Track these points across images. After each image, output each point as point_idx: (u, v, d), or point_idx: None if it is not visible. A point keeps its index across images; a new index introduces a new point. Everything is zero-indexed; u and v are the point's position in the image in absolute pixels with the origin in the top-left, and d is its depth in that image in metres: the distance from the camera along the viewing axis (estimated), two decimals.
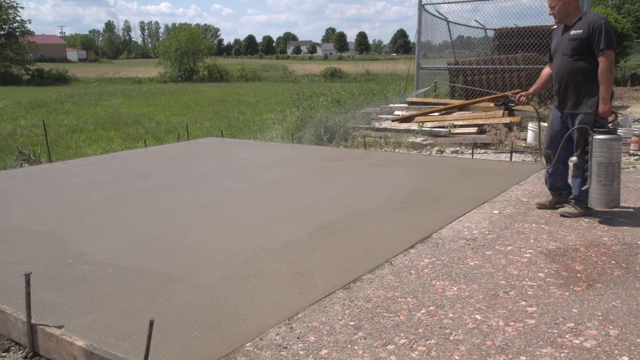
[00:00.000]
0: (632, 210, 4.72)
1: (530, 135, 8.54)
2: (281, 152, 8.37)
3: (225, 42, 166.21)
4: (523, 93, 4.97)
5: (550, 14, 4.54)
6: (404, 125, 9.94)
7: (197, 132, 11.74)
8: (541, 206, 4.89)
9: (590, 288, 3.16)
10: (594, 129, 4.31)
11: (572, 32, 4.39)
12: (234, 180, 6.32)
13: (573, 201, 4.65)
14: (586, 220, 4.45)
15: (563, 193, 4.85)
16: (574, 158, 4.56)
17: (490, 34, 14.29)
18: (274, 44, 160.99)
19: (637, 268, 3.43)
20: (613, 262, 3.54)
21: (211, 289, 3.27)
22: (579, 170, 4.53)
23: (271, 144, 9.35)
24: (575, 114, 4.47)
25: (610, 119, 4.35)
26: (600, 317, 2.80)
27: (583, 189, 4.46)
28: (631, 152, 7.57)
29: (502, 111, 9.34)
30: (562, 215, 4.62)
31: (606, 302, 2.96)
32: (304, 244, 4.05)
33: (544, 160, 4.88)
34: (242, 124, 13.08)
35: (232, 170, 6.93)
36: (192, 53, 43.39)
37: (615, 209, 4.63)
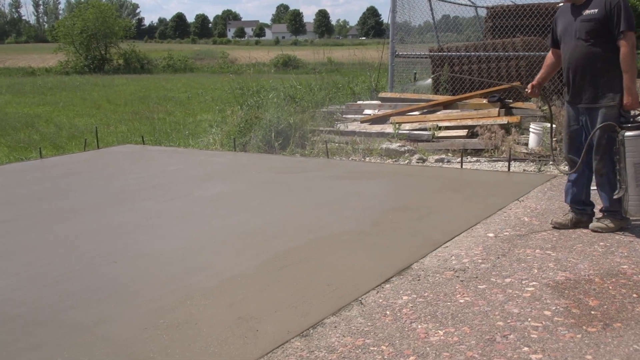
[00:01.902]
0: None
1: (532, 139, 8.75)
2: (220, 162, 8.34)
3: (146, 22, 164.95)
4: (532, 84, 5.11)
5: None
6: (377, 128, 10.05)
7: (111, 139, 11.59)
8: (559, 226, 5.00)
9: (607, 328, 3.25)
10: (622, 125, 4.46)
11: (586, 12, 4.57)
12: (160, 199, 6.26)
13: (606, 214, 4.83)
14: (601, 244, 4.59)
15: (587, 209, 4.99)
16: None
17: (483, 13, 14.63)
18: (210, 24, 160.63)
19: None
20: (634, 295, 3.65)
21: (129, 343, 3.22)
22: (604, 178, 4.69)
23: (208, 153, 9.30)
24: (594, 108, 4.63)
25: (638, 112, 4.54)
26: None
27: (615, 196, 4.61)
28: None
29: (497, 109, 9.55)
30: (593, 231, 4.80)
31: (626, 346, 3.05)
32: (250, 280, 4.03)
33: (567, 166, 5.05)
34: (170, 128, 12.98)
35: (157, 186, 6.86)
36: (103, 36, 42.78)
37: (636, 229, 4.79)
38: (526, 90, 5.16)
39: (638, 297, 3.62)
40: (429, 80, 11.44)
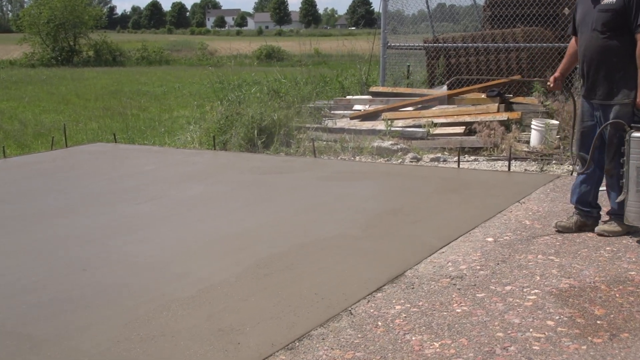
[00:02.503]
0: None
1: (534, 137, 8.80)
2: (199, 162, 8.33)
3: (118, 11, 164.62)
4: (555, 77, 5.14)
5: None
6: (367, 125, 10.06)
7: (80, 137, 11.54)
8: (562, 229, 5.04)
9: (613, 339, 3.27)
10: (632, 125, 4.50)
11: (604, 1, 4.60)
12: (133, 202, 6.24)
13: (613, 217, 4.87)
14: (607, 249, 4.62)
15: (593, 212, 5.03)
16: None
17: (481, 1, 14.68)
18: (187, 13, 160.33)
19: None
20: None
21: (100, 357, 3.21)
22: (614, 179, 4.73)
23: (185, 152, 9.28)
24: (608, 105, 4.70)
25: None
26: None
27: (617, 200, 4.68)
28: None
29: (496, 104, 9.59)
30: (599, 235, 4.85)
31: (635, 357, 3.07)
32: (231, 288, 4.03)
33: (579, 164, 5.09)
34: (144, 125, 12.94)
35: (131, 188, 6.84)
36: (72, 26, 42.54)
37: None
38: (548, 83, 5.18)
39: None
40: (444, 87, 11.34)
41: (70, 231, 5.37)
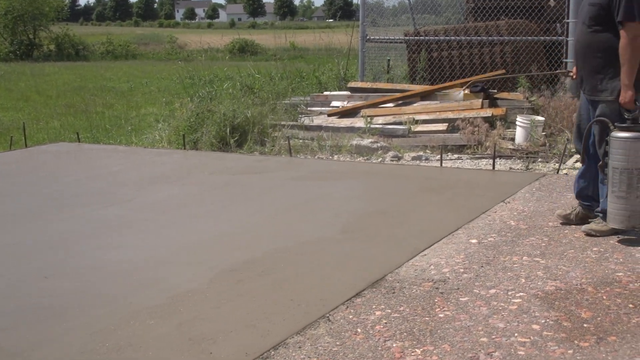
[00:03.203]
0: None
1: (519, 134, 8.87)
2: (169, 162, 8.30)
3: (81, 2, 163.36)
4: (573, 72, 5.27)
5: None
6: (346, 122, 10.09)
7: (41, 136, 11.45)
8: (564, 220, 5.20)
9: (600, 343, 3.32)
10: (616, 124, 4.60)
11: None
12: (98, 205, 6.22)
13: (600, 215, 4.97)
14: (594, 250, 4.68)
15: (594, 205, 5.13)
16: None
17: None
18: (155, 4, 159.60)
19: None
20: (630, 305, 3.74)
21: None
22: (605, 176, 4.83)
23: (153, 151, 9.25)
24: (595, 101, 4.86)
25: (637, 112, 4.63)
26: None
27: (603, 198, 4.82)
28: None
29: (480, 100, 9.66)
30: (587, 234, 4.93)
31: None
32: (203, 296, 4.03)
33: (580, 157, 5.24)
34: (110, 123, 12.87)
35: (96, 191, 6.81)
36: (31, 18, 42.12)
37: (633, 233, 4.90)
38: (571, 76, 5.32)
39: (634, 307, 3.71)
40: (461, 94, 11.03)
41: (32, 237, 5.33)
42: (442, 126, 9.38)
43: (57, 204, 6.33)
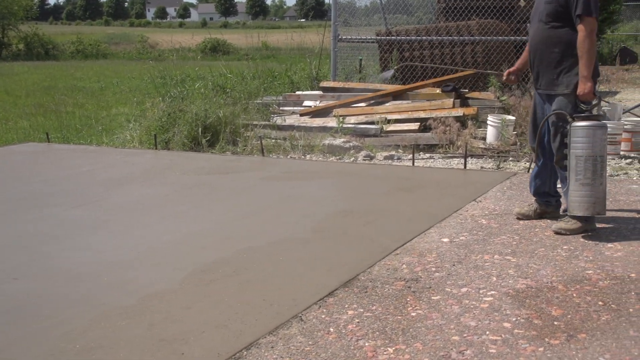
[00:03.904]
0: (624, 232, 5.06)
1: (490, 133, 8.94)
2: (139, 162, 8.25)
3: (51, 1, 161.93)
4: (511, 70, 5.50)
5: None
6: (318, 121, 10.09)
7: (10, 136, 11.32)
8: (522, 217, 5.37)
9: (571, 340, 3.35)
10: (574, 115, 4.77)
11: None
12: (67, 206, 6.16)
13: (567, 214, 5.06)
14: (565, 248, 4.72)
15: (551, 201, 5.34)
16: None
17: None
18: (126, 3, 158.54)
19: (631, 310, 3.68)
20: (600, 303, 3.78)
21: None
22: (563, 170, 4.99)
23: (124, 152, 9.19)
24: (552, 95, 5.03)
25: (593, 102, 4.85)
26: None
27: (564, 191, 5.00)
28: (621, 153, 8.11)
29: (452, 100, 9.71)
30: (556, 233, 5.00)
31: (592, 358, 3.15)
32: (174, 296, 4.01)
33: (534, 156, 5.39)
34: (80, 123, 12.76)
35: (65, 191, 6.75)
36: (0, 17, 41.79)
37: (602, 231, 4.99)
38: (504, 76, 5.51)
39: (604, 304, 3.75)
40: (391, 72, 11.48)
41: (0, 238, 5.27)
42: (414, 125, 9.42)
43: (25, 204, 6.26)
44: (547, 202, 5.34)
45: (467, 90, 10.38)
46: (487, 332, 3.45)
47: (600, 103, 5.08)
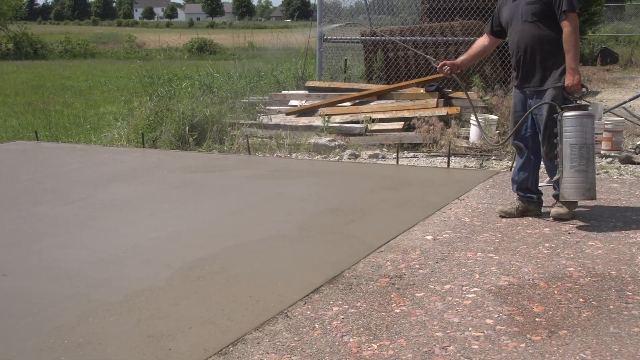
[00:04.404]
0: (604, 230, 5.08)
1: (473, 132, 8.96)
2: (127, 160, 8.22)
3: (39, 1, 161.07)
4: (447, 62, 5.63)
5: None
6: (304, 121, 10.09)
7: None
8: (505, 215, 5.44)
9: (552, 336, 3.36)
10: (563, 106, 4.99)
11: None
12: (56, 203, 6.13)
13: (557, 200, 5.25)
14: (546, 245, 4.74)
15: (533, 197, 5.44)
16: None
17: None
18: (113, 3, 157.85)
19: (611, 307, 3.70)
20: (581, 300, 3.80)
21: None
22: (552, 162, 5.15)
23: (112, 150, 9.15)
24: (541, 90, 5.17)
25: (581, 92, 5.11)
26: None
27: (553, 179, 5.15)
28: (602, 152, 8.15)
29: (435, 99, 9.74)
30: (556, 219, 5.25)
31: (573, 354, 3.17)
32: (161, 293, 4.00)
33: (516, 154, 5.56)
34: (69, 121, 12.69)
35: (53, 189, 6.71)
36: None
37: (583, 229, 5.03)
38: (440, 65, 5.62)
39: (585, 301, 3.77)
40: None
41: None
42: (399, 125, 9.43)
43: (14, 202, 6.22)
44: (529, 199, 5.40)
45: (450, 90, 10.39)
46: (470, 329, 3.45)
47: (588, 92, 5.30)
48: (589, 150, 4.87)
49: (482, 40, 5.64)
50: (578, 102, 5.06)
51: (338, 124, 9.63)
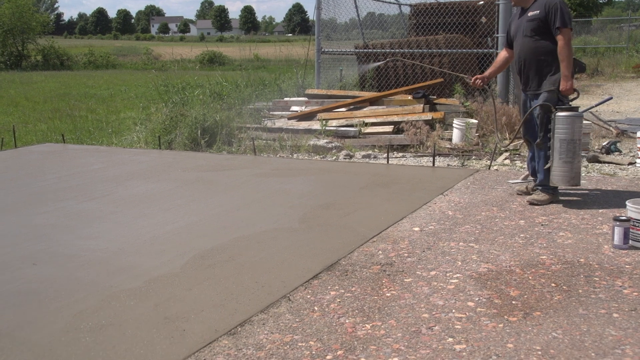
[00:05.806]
0: (574, 222, 5.09)
1: (455, 135, 8.97)
2: (144, 161, 8.21)
3: (65, 18, 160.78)
4: (479, 76, 6.00)
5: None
6: (304, 125, 10.09)
7: (29, 137, 11.23)
8: (523, 193, 5.83)
9: (527, 317, 3.37)
10: (557, 107, 5.33)
11: (530, 13, 5.49)
12: (80, 199, 6.12)
13: (539, 188, 5.59)
14: (522, 236, 4.75)
15: None
16: None
17: (406, 11, 14.87)
18: (132, 20, 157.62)
19: (580, 291, 3.70)
20: (553, 284, 3.80)
21: (50, 347, 3.14)
22: (542, 152, 5.48)
23: (131, 151, 9.13)
24: (539, 93, 5.54)
25: (573, 96, 5.41)
26: (540, 352, 3.00)
27: (545, 167, 5.41)
28: None
29: (421, 105, 9.74)
30: (531, 204, 5.54)
31: (546, 334, 3.17)
32: (176, 279, 3.99)
33: (527, 146, 5.95)
34: (92, 126, 12.67)
35: (78, 186, 6.70)
36: (20, 32, 41.39)
37: (554, 221, 5.01)
38: (472, 80, 5.99)
39: (556, 286, 3.77)
40: (376, 64, 11.70)
41: (19, 227, 5.22)
42: (389, 128, 9.43)
43: (42, 198, 6.21)
44: None
45: (435, 97, 10.41)
46: (453, 310, 3.45)
47: (579, 96, 5.59)
48: (576, 145, 5.22)
49: (503, 53, 6.02)
50: (570, 104, 5.38)
51: (335, 128, 9.63)
